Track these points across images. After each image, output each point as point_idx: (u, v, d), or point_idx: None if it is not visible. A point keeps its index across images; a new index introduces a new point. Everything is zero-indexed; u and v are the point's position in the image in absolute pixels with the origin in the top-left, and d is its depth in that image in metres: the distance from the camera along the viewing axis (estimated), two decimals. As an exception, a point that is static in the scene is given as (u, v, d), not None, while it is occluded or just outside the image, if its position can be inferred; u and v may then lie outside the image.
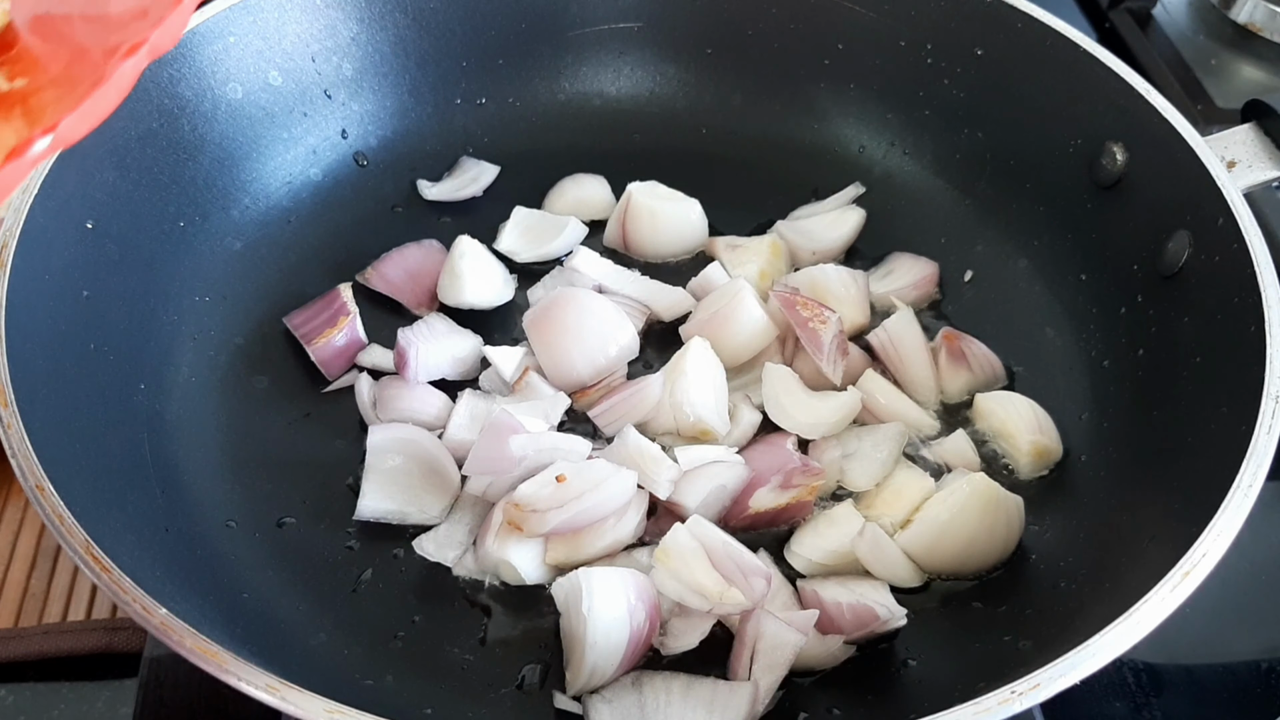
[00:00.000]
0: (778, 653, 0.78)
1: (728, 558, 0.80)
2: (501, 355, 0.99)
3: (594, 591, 0.78)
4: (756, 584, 0.79)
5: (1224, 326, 0.85)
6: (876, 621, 0.81)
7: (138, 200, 0.95)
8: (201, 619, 0.66)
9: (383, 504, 0.90)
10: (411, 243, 1.09)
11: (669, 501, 0.87)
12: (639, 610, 0.79)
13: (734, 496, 0.89)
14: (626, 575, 0.80)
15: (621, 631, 0.78)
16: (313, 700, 0.61)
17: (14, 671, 0.89)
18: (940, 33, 1.11)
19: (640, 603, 0.79)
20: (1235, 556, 0.69)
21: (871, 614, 0.81)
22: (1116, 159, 0.99)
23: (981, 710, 0.62)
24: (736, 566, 0.80)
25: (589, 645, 0.77)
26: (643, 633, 0.79)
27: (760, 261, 1.08)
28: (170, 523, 0.83)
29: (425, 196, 1.14)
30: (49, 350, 0.81)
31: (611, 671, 0.78)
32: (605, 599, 0.78)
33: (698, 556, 0.80)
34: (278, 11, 1.04)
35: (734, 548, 0.82)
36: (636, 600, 0.79)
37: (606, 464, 0.86)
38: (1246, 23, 1.56)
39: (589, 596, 0.78)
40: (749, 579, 0.79)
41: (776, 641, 0.78)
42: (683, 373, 0.94)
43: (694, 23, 1.19)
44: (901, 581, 0.86)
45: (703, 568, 0.80)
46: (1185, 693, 0.91)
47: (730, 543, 0.82)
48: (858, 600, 0.82)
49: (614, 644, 0.78)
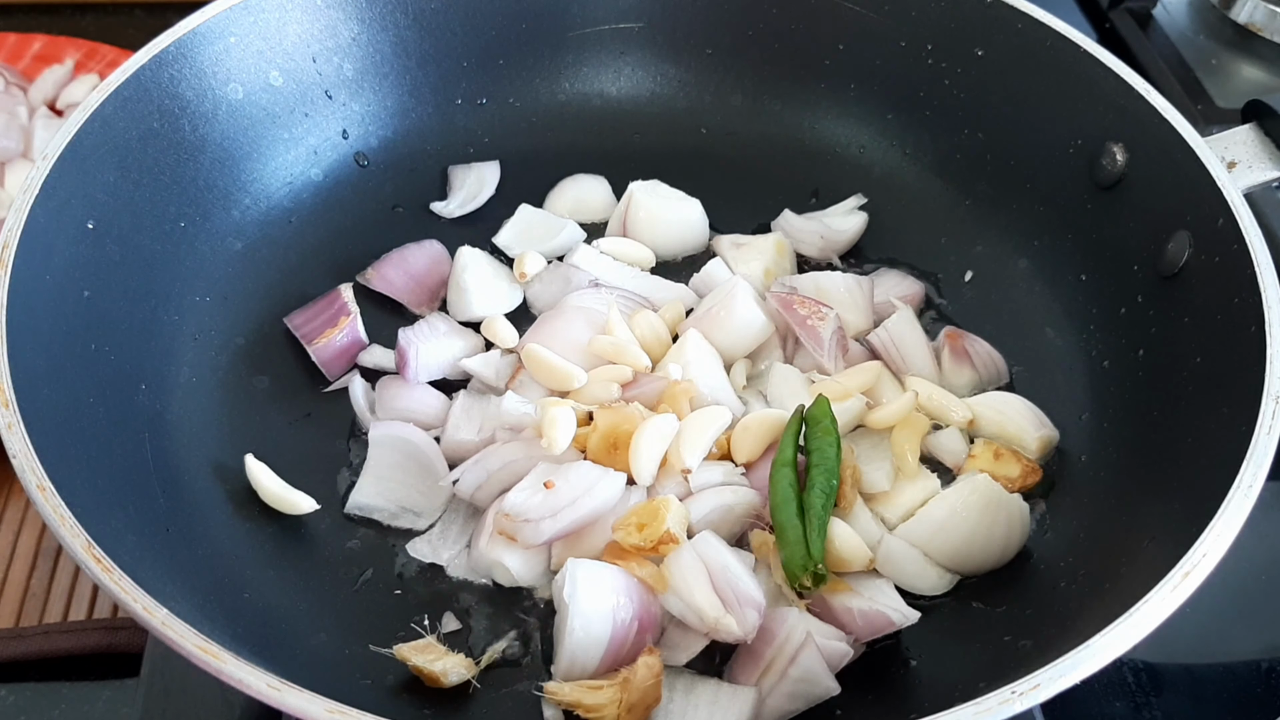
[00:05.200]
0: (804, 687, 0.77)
1: (727, 583, 0.80)
2: (480, 363, 0.99)
3: (578, 580, 0.78)
4: (749, 615, 0.78)
5: (1224, 327, 0.85)
6: (889, 626, 0.80)
7: (138, 200, 0.95)
8: (202, 619, 0.66)
9: (374, 500, 0.91)
10: (412, 243, 1.09)
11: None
12: (625, 608, 0.78)
13: (740, 520, 0.88)
14: (618, 574, 0.80)
15: (603, 626, 0.77)
16: (313, 700, 0.61)
17: (15, 671, 0.89)
18: (940, 33, 1.11)
19: (629, 602, 0.79)
20: (1235, 556, 0.69)
21: (884, 619, 0.80)
22: (1117, 159, 0.99)
23: (981, 710, 0.62)
24: (734, 593, 0.79)
25: (569, 632, 0.77)
26: (627, 632, 0.78)
27: (765, 260, 1.08)
28: (171, 523, 0.83)
29: (446, 216, 1.14)
30: (50, 350, 0.81)
31: (593, 665, 0.78)
32: (589, 589, 0.78)
33: (699, 576, 0.80)
34: (278, 12, 1.04)
35: (733, 572, 0.80)
36: (625, 599, 0.78)
37: (593, 466, 0.86)
38: (1246, 23, 1.56)
39: (572, 584, 0.78)
40: (743, 609, 0.78)
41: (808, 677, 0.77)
42: (690, 360, 0.95)
43: (694, 23, 1.19)
44: (929, 589, 0.86)
45: (703, 588, 0.79)
46: (1185, 692, 0.91)
47: (730, 567, 0.81)
48: (869, 606, 0.81)
49: (594, 636, 0.77)
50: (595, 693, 0.75)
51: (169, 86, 0.97)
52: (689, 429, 0.89)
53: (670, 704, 0.78)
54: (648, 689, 0.75)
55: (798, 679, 0.77)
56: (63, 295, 0.85)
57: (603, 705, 0.74)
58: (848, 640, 0.80)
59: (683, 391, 0.92)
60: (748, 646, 0.80)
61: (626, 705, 0.74)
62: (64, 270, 0.86)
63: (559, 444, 0.86)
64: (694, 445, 0.88)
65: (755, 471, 0.91)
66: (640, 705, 0.75)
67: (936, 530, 0.87)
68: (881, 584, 0.85)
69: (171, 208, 0.98)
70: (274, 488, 0.89)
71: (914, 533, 0.88)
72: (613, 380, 0.94)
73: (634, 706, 0.74)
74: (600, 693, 0.74)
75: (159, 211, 0.97)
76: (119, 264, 0.91)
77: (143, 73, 0.94)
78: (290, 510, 0.89)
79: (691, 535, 0.84)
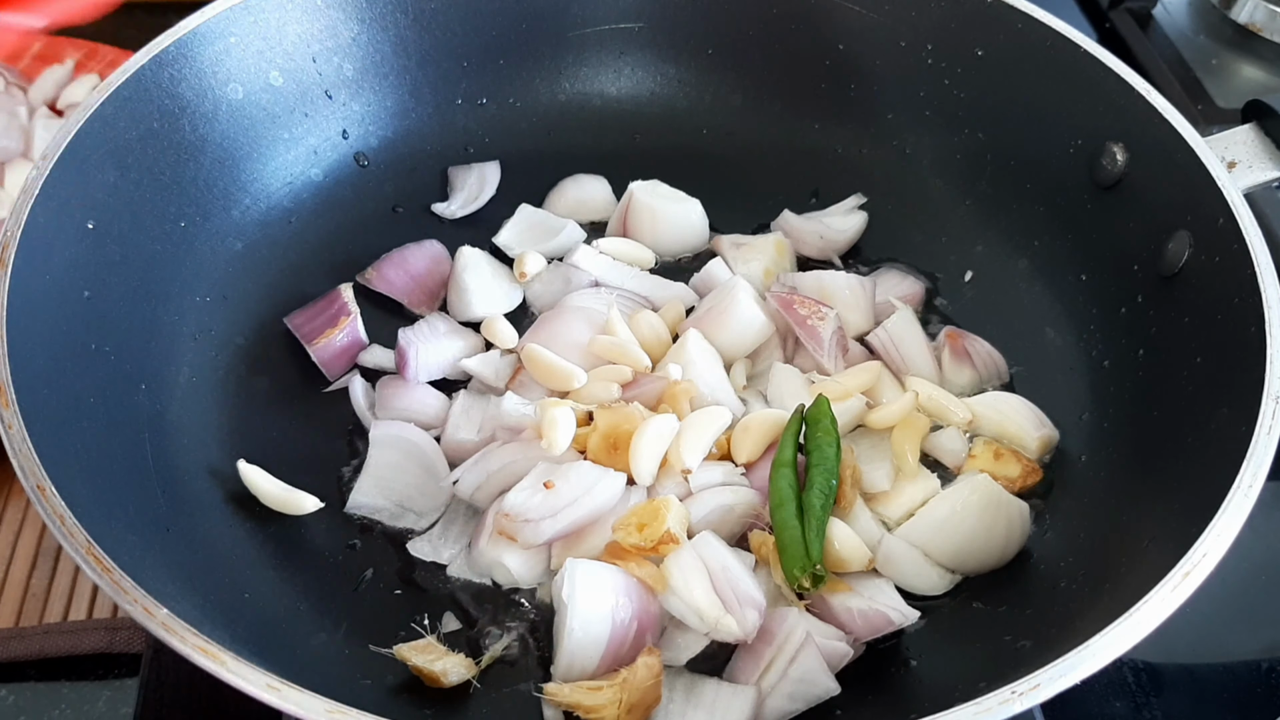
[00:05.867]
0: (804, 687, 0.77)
1: (727, 583, 0.80)
2: (480, 363, 0.99)
3: (577, 580, 0.78)
4: (749, 615, 0.78)
5: (1224, 327, 0.85)
6: (889, 625, 0.80)
7: (138, 200, 0.94)
8: (202, 619, 0.66)
9: (375, 499, 0.91)
10: (412, 244, 1.09)
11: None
12: (624, 608, 0.78)
13: (740, 520, 0.88)
14: (618, 574, 0.80)
15: (603, 626, 0.77)
16: (313, 700, 0.61)
17: (15, 671, 0.89)
18: (940, 33, 1.11)
19: (628, 602, 0.78)
20: (1235, 556, 0.69)
21: (884, 619, 0.81)
22: (1117, 159, 0.99)
23: (981, 710, 0.62)
24: (734, 594, 0.79)
25: (568, 633, 0.77)
26: (626, 632, 0.78)
27: (765, 259, 1.08)
28: (171, 523, 0.83)
29: (448, 216, 1.14)
30: (50, 350, 0.81)
31: (592, 666, 0.77)
32: (588, 589, 0.78)
33: (699, 576, 0.80)
34: (278, 12, 1.04)
35: (734, 572, 0.81)
36: (625, 599, 0.78)
37: (593, 466, 0.86)
38: (1247, 23, 1.56)
39: (571, 584, 0.78)
40: (743, 609, 0.78)
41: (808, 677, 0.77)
42: (690, 360, 0.95)
43: (695, 23, 1.19)
44: (929, 589, 0.86)
45: (703, 588, 0.79)
46: (1186, 692, 0.91)
47: (731, 567, 0.81)
48: (869, 606, 0.81)
49: (593, 637, 0.77)
50: (595, 694, 0.75)
51: (169, 86, 0.97)
52: (689, 430, 0.89)
53: (670, 704, 0.78)
54: (647, 689, 0.75)
55: (798, 679, 0.77)
56: (63, 295, 0.85)
57: (602, 706, 0.74)
58: (848, 640, 0.80)
59: (683, 392, 0.92)
60: (748, 646, 0.80)
61: (626, 706, 0.74)
62: (64, 270, 0.86)
63: (559, 445, 0.86)
64: (694, 446, 0.88)
65: (755, 471, 0.90)
66: (640, 705, 0.75)
67: (937, 530, 0.87)
68: (881, 584, 0.85)
69: (171, 208, 0.98)
70: (273, 490, 0.89)
71: (914, 533, 0.88)
72: (613, 380, 0.94)
73: (634, 707, 0.74)
74: (600, 694, 0.74)
75: (159, 211, 0.97)
76: (119, 264, 0.91)
77: (143, 73, 0.94)
78: (292, 511, 0.89)
79: (691, 535, 0.84)
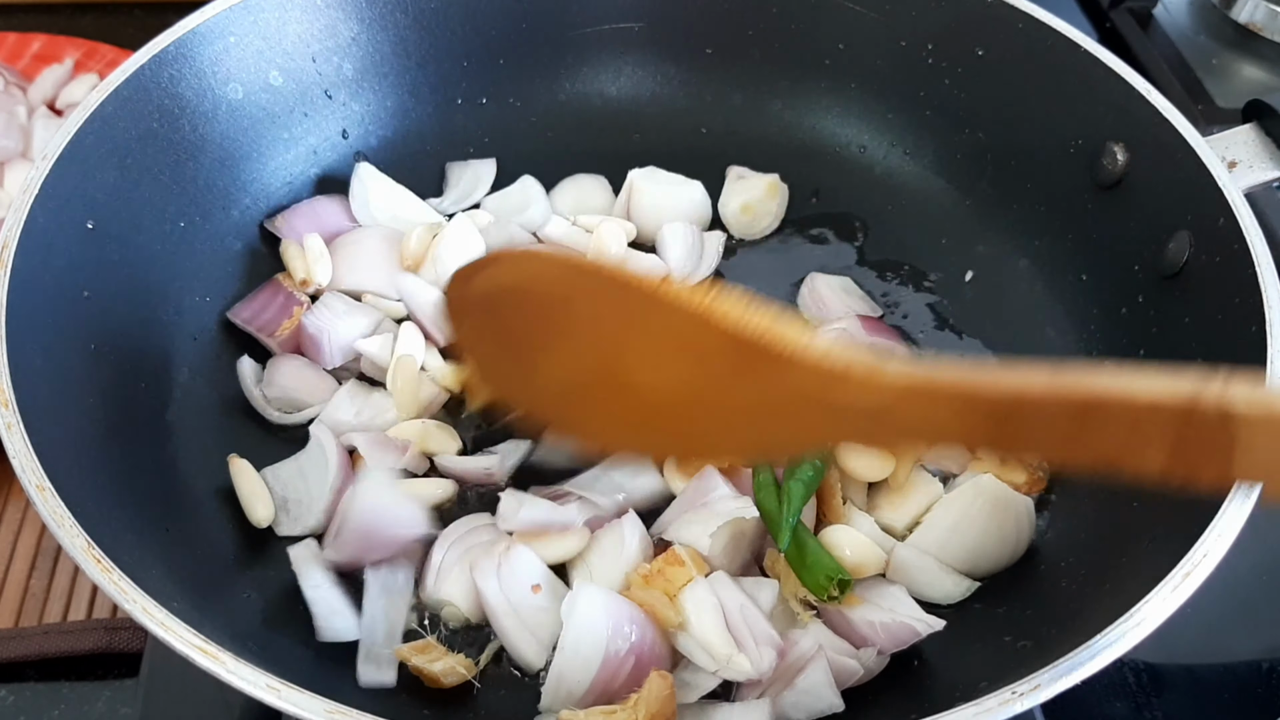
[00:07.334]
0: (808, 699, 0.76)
1: (743, 621, 0.78)
2: (375, 345, 0.98)
3: (578, 599, 0.77)
4: (766, 654, 0.76)
5: (1225, 327, 0.85)
6: (914, 636, 0.79)
7: (138, 200, 0.94)
8: (202, 619, 0.65)
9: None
10: (324, 195, 1.09)
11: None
12: (623, 637, 0.76)
13: (753, 544, 0.86)
14: (625, 604, 0.78)
15: (595, 647, 0.75)
16: (313, 700, 0.61)
17: (14, 671, 0.89)
18: (940, 33, 1.11)
19: (630, 627, 0.76)
20: (1236, 556, 0.69)
21: (909, 630, 0.79)
22: (1117, 159, 0.99)
23: (981, 710, 0.62)
24: (750, 632, 0.77)
25: (560, 648, 0.76)
26: (620, 662, 0.75)
27: (748, 195, 1.13)
28: (170, 523, 0.83)
29: (441, 211, 1.13)
30: (49, 350, 0.81)
31: (580, 690, 0.75)
32: (588, 608, 0.76)
33: (713, 614, 0.78)
34: (278, 11, 1.04)
35: (751, 611, 0.78)
36: (629, 626, 0.76)
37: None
38: (1247, 23, 1.56)
39: (572, 600, 0.77)
40: (760, 648, 0.76)
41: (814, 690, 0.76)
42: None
43: (694, 23, 1.19)
44: (944, 597, 0.86)
45: (715, 627, 0.77)
46: (1186, 693, 0.91)
47: (748, 606, 0.79)
48: (891, 618, 0.80)
49: (584, 656, 0.75)
50: (610, 716, 0.73)
51: (169, 86, 0.97)
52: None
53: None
54: (664, 699, 0.73)
55: (803, 690, 0.76)
56: (62, 295, 0.85)
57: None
58: (871, 654, 0.79)
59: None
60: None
61: (648, 716, 0.72)
62: (64, 270, 0.86)
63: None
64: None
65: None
66: (659, 717, 0.73)
67: (948, 535, 0.86)
68: (896, 591, 0.84)
69: (171, 208, 0.98)
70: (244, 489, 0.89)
71: (925, 540, 0.87)
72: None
73: (654, 717, 0.72)
74: (614, 716, 0.73)
75: (159, 211, 0.97)
76: (119, 264, 0.91)
77: (142, 73, 0.94)
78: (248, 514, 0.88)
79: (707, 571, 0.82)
